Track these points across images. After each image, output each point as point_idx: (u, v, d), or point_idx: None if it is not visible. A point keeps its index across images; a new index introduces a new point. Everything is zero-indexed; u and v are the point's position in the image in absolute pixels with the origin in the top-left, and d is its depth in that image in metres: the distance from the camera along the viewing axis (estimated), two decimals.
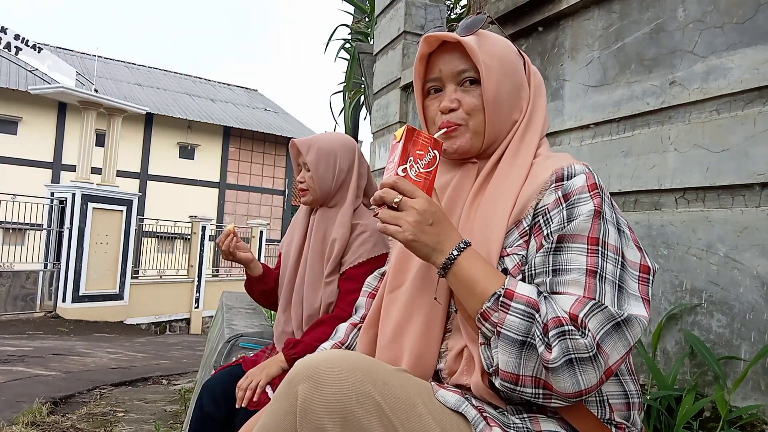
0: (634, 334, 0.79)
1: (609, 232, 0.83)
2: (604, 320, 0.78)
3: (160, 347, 7.74)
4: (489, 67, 0.94)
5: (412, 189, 0.85)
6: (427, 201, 0.85)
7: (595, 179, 0.88)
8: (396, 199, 0.85)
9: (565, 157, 0.94)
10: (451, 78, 0.99)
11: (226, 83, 23.10)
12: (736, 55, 1.49)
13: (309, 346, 1.52)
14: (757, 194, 1.43)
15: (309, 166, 1.69)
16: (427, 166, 0.89)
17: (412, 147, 0.88)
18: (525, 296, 0.81)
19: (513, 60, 0.99)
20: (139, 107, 11.99)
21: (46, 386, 4.10)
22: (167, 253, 12.85)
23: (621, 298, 0.80)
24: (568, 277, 0.81)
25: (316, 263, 1.68)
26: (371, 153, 4.00)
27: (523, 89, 1.00)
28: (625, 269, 0.83)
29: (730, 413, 1.32)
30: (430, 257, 0.87)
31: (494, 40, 0.98)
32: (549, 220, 0.87)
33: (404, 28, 3.49)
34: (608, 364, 0.77)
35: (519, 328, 0.79)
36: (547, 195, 0.89)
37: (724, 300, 1.46)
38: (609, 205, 0.87)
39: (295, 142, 1.74)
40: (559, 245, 0.84)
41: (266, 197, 20.08)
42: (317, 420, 0.75)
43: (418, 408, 0.80)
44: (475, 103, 0.97)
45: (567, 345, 0.76)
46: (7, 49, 10.37)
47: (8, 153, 15.04)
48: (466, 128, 0.98)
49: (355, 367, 0.79)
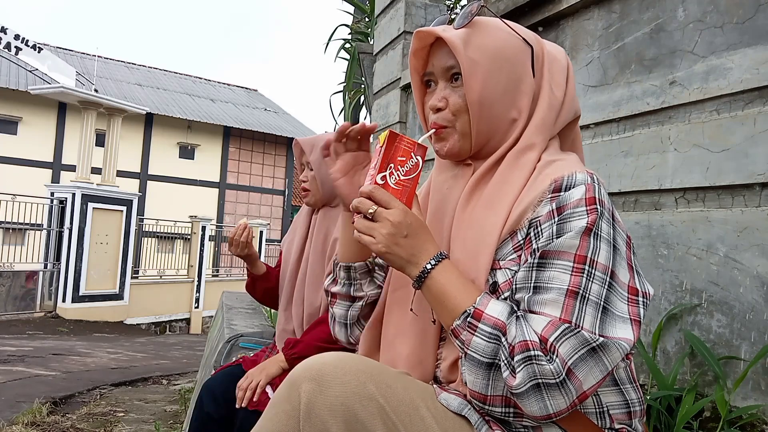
0: (612, 359, 0.75)
1: (600, 249, 0.78)
2: (577, 345, 0.74)
3: (160, 347, 7.74)
4: (475, 64, 0.88)
5: (388, 199, 0.83)
6: (403, 212, 0.83)
7: (594, 192, 0.81)
8: (371, 209, 0.82)
9: (570, 164, 0.87)
10: (441, 74, 0.94)
11: (226, 83, 23.09)
12: (736, 55, 1.49)
13: (309, 345, 1.52)
14: (757, 194, 1.43)
15: (312, 165, 1.70)
16: (409, 173, 0.86)
17: (393, 153, 0.85)
18: (493, 318, 0.79)
19: (511, 52, 0.90)
20: (139, 107, 12.00)
21: (46, 386, 4.10)
22: (167, 253, 12.85)
23: (604, 320, 0.76)
24: (547, 296, 0.78)
25: (317, 263, 1.68)
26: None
27: (524, 83, 0.91)
28: (613, 289, 0.78)
29: (730, 413, 1.32)
30: (404, 269, 0.85)
31: (490, 32, 0.91)
32: (539, 233, 0.82)
33: (404, 28, 3.49)
34: (582, 389, 0.74)
35: (485, 350, 0.78)
36: (542, 206, 0.83)
37: (724, 300, 1.46)
38: (608, 221, 0.81)
39: (298, 141, 1.74)
40: (542, 261, 0.80)
41: (266, 197, 20.07)
42: (321, 423, 0.74)
43: (421, 411, 0.80)
44: (461, 103, 0.91)
45: (533, 370, 0.74)
46: (7, 49, 10.38)
47: (8, 153, 15.04)
48: (453, 130, 0.93)
49: (359, 370, 0.78)
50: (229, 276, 14.50)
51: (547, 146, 0.92)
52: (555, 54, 0.94)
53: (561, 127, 0.94)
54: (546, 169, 0.87)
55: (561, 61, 0.94)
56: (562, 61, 0.94)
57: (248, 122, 19.27)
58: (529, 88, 0.91)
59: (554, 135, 0.93)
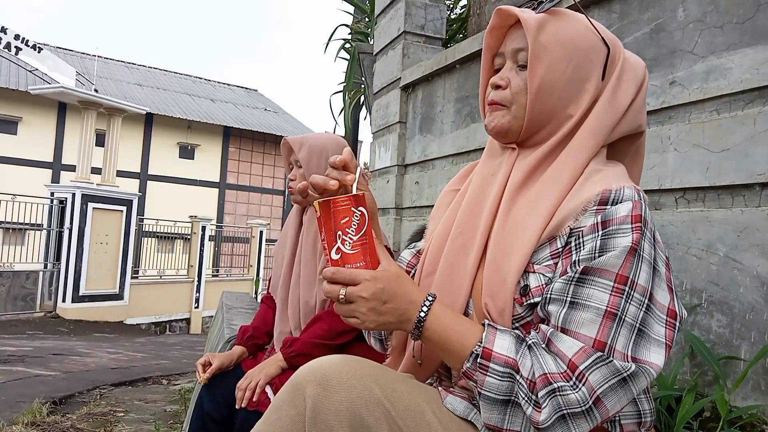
0: (639, 386, 0.74)
1: (641, 271, 0.77)
2: (608, 375, 0.73)
3: (160, 347, 7.74)
4: (544, 49, 0.85)
5: (352, 276, 0.80)
6: (372, 282, 0.80)
7: (641, 210, 0.79)
8: (341, 294, 0.79)
9: (618, 176, 0.84)
10: (511, 55, 0.91)
11: (226, 83, 23.09)
12: (736, 55, 1.49)
13: (306, 343, 1.53)
14: (757, 194, 1.43)
15: (300, 163, 1.70)
16: (359, 230, 0.81)
17: (334, 220, 0.80)
18: (503, 356, 0.77)
19: (584, 47, 0.87)
20: (139, 107, 11.99)
21: (46, 386, 4.10)
22: (167, 253, 12.84)
23: (638, 342, 0.75)
24: (584, 314, 0.76)
25: (309, 262, 1.69)
26: (371, 153, 4.00)
27: (590, 82, 0.87)
28: (651, 312, 0.77)
29: (730, 413, 1.32)
30: (400, 329, 0.83)
31: (568, 22, 0.88)
32: (581, 245, 0.79)
33: (404, 28, 3.49)
34: (607, 415, 0.75)
35: (499, 389, 0.76)
36: (587, 216, 0.80)
37: (724, 300, 1.45)
38: (650, 241, 0.79)
39: (287, 139, 1.74)
40: (583, 276, 0.77)
41: (266, 197, 20.08)
42: (327, 428, 0.74)
43: (426, 416, 0.79)
44: (521, 86, 0.88)
45: (558, 402, 0.73)
46: (7, 49, 10.37)
47: (8, 153, 15.04)
48: (507, 110, 0.89)
49: (364, 374, 0.78)
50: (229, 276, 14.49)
51: (598, 153, 0.88)
52: (633, 63, 0.91)
53: (618, 136, 0.90)
54: (594, 176, 0.84)
55: (637, 71, 0.90)
56: (638, 71, 0.90)
57: (248, 122, 19.27)
58: (595, 89, 0.87)
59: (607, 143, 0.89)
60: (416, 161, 3.36)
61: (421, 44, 3.54)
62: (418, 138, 3.36)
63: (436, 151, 3.15)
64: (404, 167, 3.52)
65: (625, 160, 0.93)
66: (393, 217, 3.49)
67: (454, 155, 3.01)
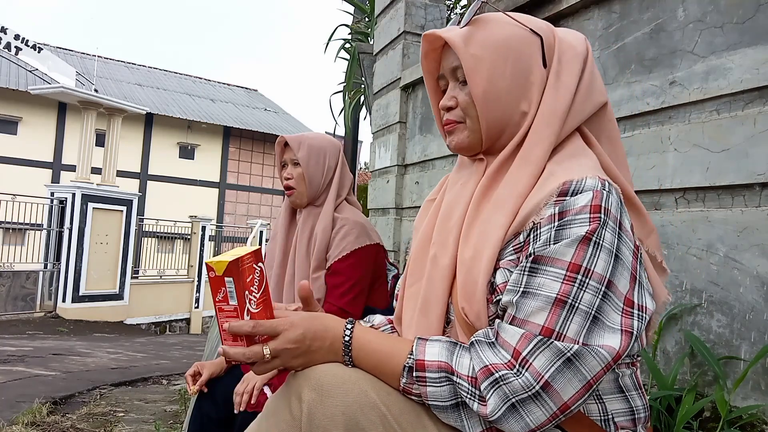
0: (589, 368, 0.73)
1: (598, 259, 0.75)
2: (552, 357, 0.72)
3: (160, 347, 7.73)
4: (477, 60, 0.87)
5: (270, 328, 0.79)
6: (292, 329, 0.79)
7: (601, 200, 0.77)
8: (266, 354, 0.78)
9: (582, 168, 0.83)
10: (450, 74, 0.93)
11: (226, 83, 23.10)
12: (736, 55, 1.49)
13: None
14: (757, 194, 1.43)
15: (300, 162, 1.69)
16: (260, 285, 0.80)
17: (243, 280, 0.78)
18: (435, 362, 0.77)
19: (516, 44, 0.88)
20: (139, 107, 11.99)
21: (46, 386, 4.09)
22: (167, 253, 12.84)
23: (592, 330, 0.74)
24: (534, 303, 0.76)
25: (303, 262, 1.69)
26: (371, 153, 4.00)
27: (533, 74, 0.87)
28: (608, 300, 0.75)
29: (730, 413, 1.32)
30: (335, 361, 0.82)
31: (493, 27, 0.89)
32: (538, 236, 0.79)
33: (404, 28, 3.49)
34: (562, 400, 0.73)
35: (443, 395, 0.77)
36: (546, 208, 0.80)
37: (724, 300, 1.45)
38: (612, 230, 0.77)
39: (285, 138, 1.73)
40: (534, 266, 0.77)
41: (266, 197, 20.08)
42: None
43: (423, 419, 0.79)
44: (468, 100, 0.90)
45: (503, 391, 0.73)
46: (7, 49, 10.38)
47: (8, 153, 15.05)
48: (463, 125, 0.92)
49: (359, 377, 0.78)
50: None
51: (566, 142, 0.88)
52: (570, 41, 0.90)
53: (580, 119, 0.89)
54: (557, 170, 0.84)
55: (576, 47, 0.89)
56: (577, 48, 0.89)
57: (248, 122, 19.27)
58: (540, 79, 0.88)
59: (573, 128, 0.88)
60: (416, 161, 3.36)
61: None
62: (418, 138, 3.36)
63: (436, 151, 3.15)
64: (404, 167, 3.52)
65: (602, 140, 0.92)
66: (393, 217, 3.49)
67: (454, 155, 3.01)
